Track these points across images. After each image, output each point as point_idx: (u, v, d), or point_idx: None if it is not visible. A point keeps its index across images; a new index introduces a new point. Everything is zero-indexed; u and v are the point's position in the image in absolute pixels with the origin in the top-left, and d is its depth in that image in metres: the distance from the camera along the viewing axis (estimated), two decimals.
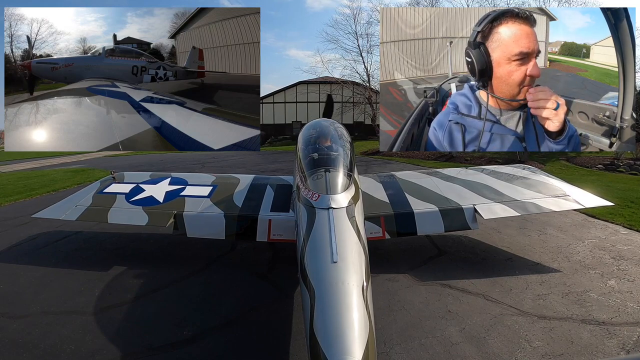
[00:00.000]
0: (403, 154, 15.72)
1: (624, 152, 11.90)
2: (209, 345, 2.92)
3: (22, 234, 5.74)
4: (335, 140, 4.01)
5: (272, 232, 4.01)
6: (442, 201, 4.29)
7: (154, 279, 4.11)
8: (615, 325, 3.07)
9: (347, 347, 1.90)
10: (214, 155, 17.34)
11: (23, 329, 3.15)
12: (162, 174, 5.33)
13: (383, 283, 3.87)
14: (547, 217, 5.99)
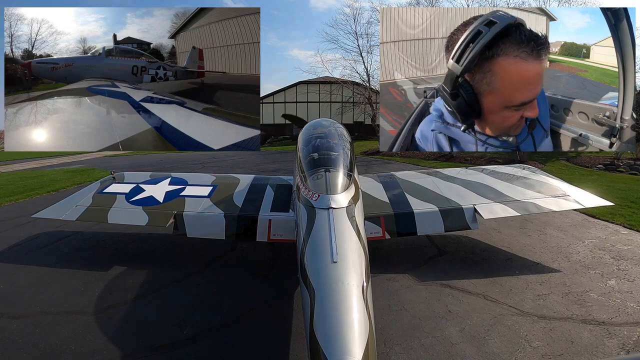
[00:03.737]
0: (403, 154, 15.72)
1: (624, 152, 11.91)
2: (209, 345, 2.92)
3: (22, 234, 5.74)
4: (335, 140, 4.01)
5: (272, 232, 4.01)
6: (442, 201, 4.29)
7: (154, 279, 4.11)
8: (615, 325, 3.07)
9: (347, 347, 1.89)
10: (214, 155, 17.34)
11: (23, 329, 3.15)
12: (162, 174, 5.33)
13: (383, 283, 3.87)
14: (547, 217, 5.99)
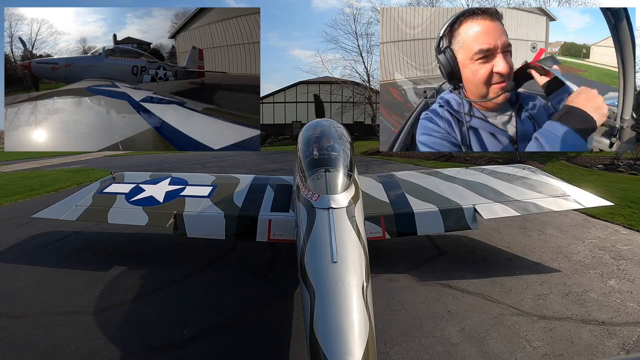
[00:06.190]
0: (403, 154, 15.72)
1: (624, 152, 11.91)
2: (209, 345, 2.92)
3: (22, 234, 5.74)
4: (335, 140, 4.01)
5: (272, 232, 4.00)
6: (442, 201, 4.29)
7: (154, 279, 4.11)
8: (615, 325, 3.07)
9: (347, 347, 1.89)
10: (214, 155, 17.35)
11: (23, 329, 3.15)
12: (162, 174, 5.33)
13: (383, 283, 3.87)
14: (547, 217, 5.99)
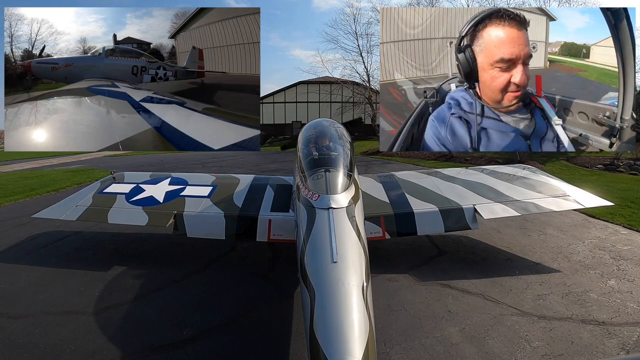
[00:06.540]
0: (403, 154, 15.72)
1: (624, 152, 11.91)
2: (209, 345, 2.92)
3: (22, 234, 5.74)
4: (335, 140, 4.01)
5: (272, 232, 4.00)
6: (442, 201, 4.29)
7: (154, 279, 4.11)
8: (615, 325, 3.07)
9: (347, 347, 1.89)
10: (214, 155, 17.35)
11: (23, 329, 3.15)
12: (162, 174, 5.33)
13: (383, 283, 3.87)
14: (547, 217, 5.99)
